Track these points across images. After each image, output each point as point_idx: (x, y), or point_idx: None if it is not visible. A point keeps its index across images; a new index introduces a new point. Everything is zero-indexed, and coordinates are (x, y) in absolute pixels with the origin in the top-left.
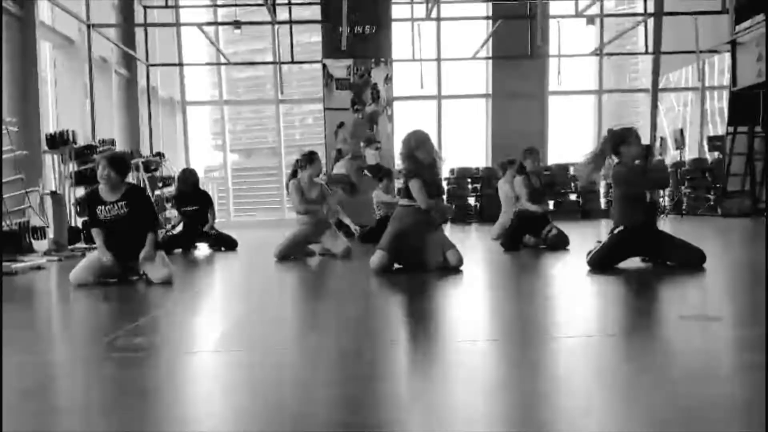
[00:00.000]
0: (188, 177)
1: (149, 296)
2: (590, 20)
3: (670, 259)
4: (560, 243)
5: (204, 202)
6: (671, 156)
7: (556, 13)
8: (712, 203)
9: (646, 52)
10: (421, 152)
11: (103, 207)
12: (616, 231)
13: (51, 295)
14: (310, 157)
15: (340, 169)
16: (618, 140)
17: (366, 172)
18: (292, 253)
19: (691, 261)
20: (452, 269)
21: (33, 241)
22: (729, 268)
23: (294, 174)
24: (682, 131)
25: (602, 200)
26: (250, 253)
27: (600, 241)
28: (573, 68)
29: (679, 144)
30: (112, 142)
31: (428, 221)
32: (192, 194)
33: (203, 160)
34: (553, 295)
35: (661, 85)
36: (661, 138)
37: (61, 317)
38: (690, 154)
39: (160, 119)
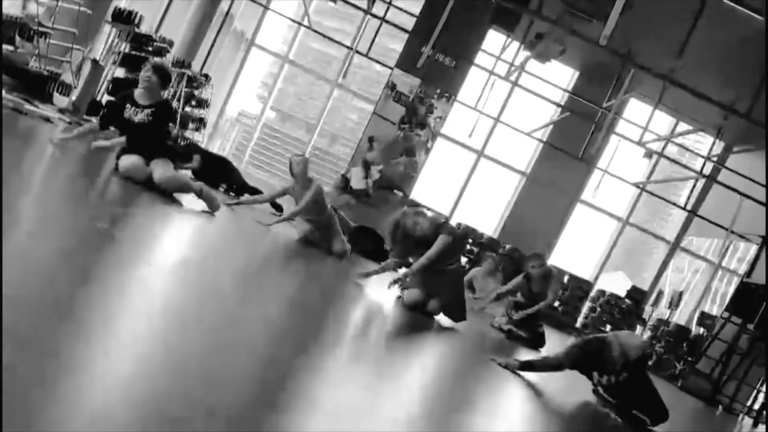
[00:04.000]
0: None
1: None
2: (648, 154)
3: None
4: (540, 342)
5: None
6: (660, 312)
7: (621, 132)
8: (676, 372)
9: (683, 208)
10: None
11: (132, 107)
12: None
13: (42, 151)
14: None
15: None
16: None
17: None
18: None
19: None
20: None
21: (56, 93)
22: None
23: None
24: (681, 294)
25: (580, 317)
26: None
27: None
28: (610, 187)
29: (673, 305)
30: (171, 44)
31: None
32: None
33: (241, 103)
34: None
35: (682, 244)
36: (660, 291)
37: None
38: (678, 319)
39: (222, 46)
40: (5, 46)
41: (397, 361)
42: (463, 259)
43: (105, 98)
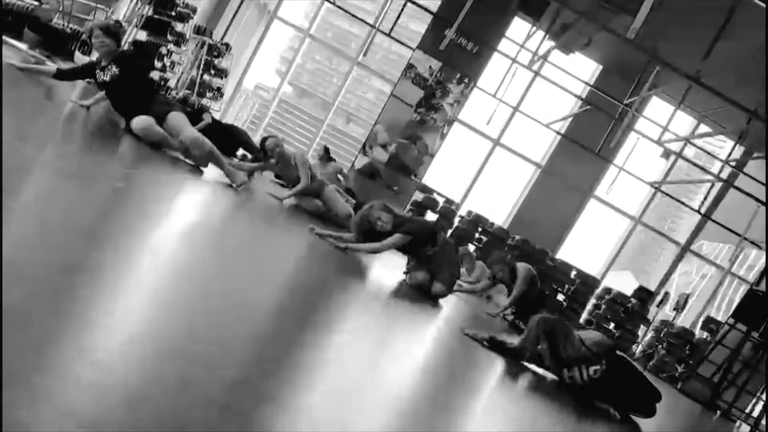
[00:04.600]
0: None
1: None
2: (666, 154)
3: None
4: None
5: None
6: (664, 314)
7: (640, 129)
8: (676, 375)
9: (697, 210)
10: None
11: (100, 72)
12: None
13: (59, 110)
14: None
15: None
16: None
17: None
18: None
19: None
20: None
21: (77, 52)
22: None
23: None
24: (687, 297)
25: (584, 314)
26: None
27: None
28: (624, 185)
29: (679, 308)
30: (194, 10)
31: None
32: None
33: (259, 75)
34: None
35: (692, 247)
36: (666, 293)
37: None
38: (682, 322)
39: (244, 17)
40: (31, 2)
41: (398, 339)
42: (471, 247)
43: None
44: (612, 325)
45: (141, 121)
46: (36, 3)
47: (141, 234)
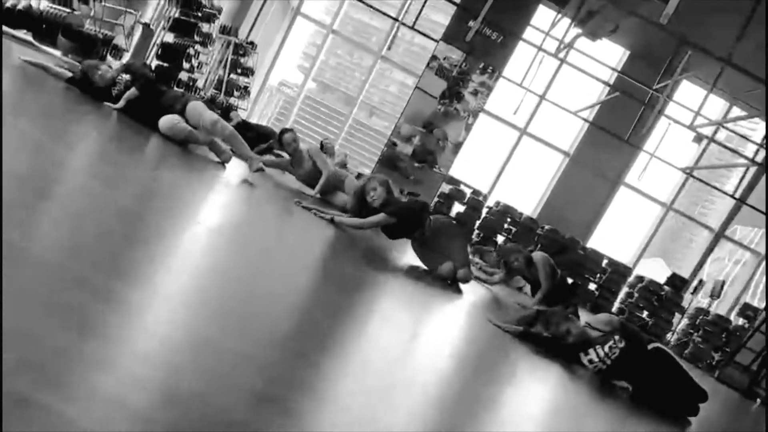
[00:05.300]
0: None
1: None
2: (698, 139)
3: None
4: None
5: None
6: (697, 301)
7: (671, 114)
8: (713, 363)
9: (732, 195)
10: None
11: (114, 88)
12: None
13: (85, 107)
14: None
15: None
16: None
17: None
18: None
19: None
20: None
21: (109, 56)
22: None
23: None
24: (723, 284)
25: (616, 302)
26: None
27: None
28: (655, 171)
29: (715, 294)
30: (219, 11)
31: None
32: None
33: (282, 72)
34: None
35: (726, 232)
36: (701, 280)
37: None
38: (718, 309)
39: (268, 15)
40: (63, 9)
41: (429, 323)
42: (500, 238)
43: (154, 62)
44: (645, 314)
45: (167, 121)
46: (68, 10)
47: (175, 234)
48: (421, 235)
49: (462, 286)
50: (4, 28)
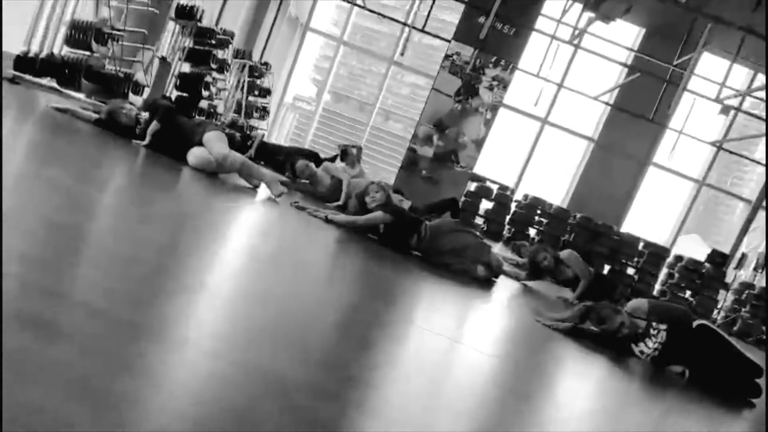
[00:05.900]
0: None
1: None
2: (725, 110)
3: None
4: None
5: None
6: (740, 275)
7: (695, 89)
8: (764, 338)
9: (766, 164)
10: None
11: (137, 127)
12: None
13: (110, 144)
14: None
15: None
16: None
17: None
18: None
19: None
20: None
21: (131, 93)
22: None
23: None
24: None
25: (657, 284)
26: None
27: None
28: (683, 148)
29: (759, 266)
30: (232, 36)
31: None
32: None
33: (296, 87)
34: None
35: (762, 202)
36: (743, 254)
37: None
38: (762, 282)
39: (279, 33)
40: (83, 52)
41: (470, 325)
42: (532, 231)
43: (174, 94)
44: (688, 293)
45: (196, 156)
46: (88, 53)
47: (222, 258)
48: (419, 241)
49: (498, 281)
50: (29, 77)
